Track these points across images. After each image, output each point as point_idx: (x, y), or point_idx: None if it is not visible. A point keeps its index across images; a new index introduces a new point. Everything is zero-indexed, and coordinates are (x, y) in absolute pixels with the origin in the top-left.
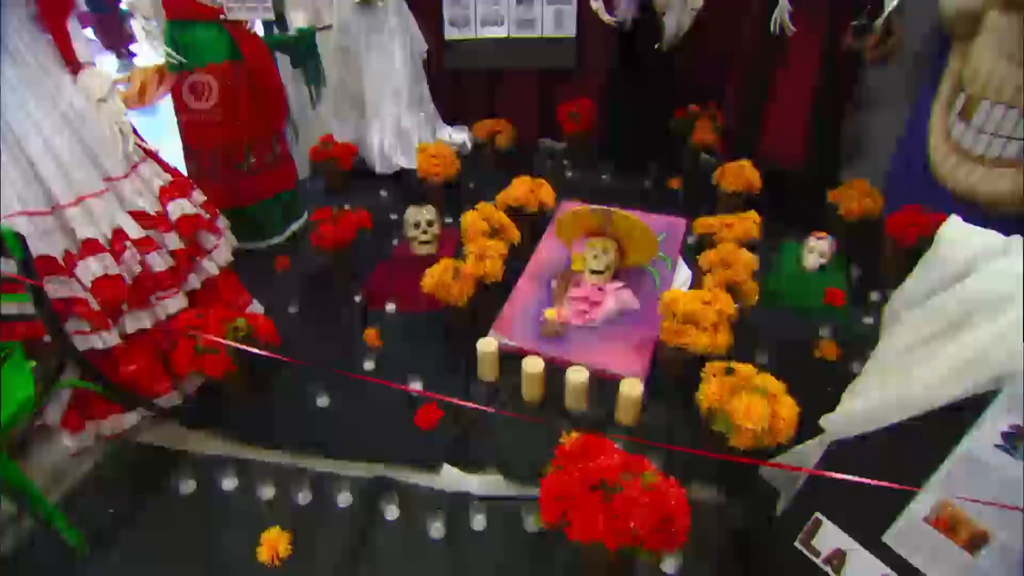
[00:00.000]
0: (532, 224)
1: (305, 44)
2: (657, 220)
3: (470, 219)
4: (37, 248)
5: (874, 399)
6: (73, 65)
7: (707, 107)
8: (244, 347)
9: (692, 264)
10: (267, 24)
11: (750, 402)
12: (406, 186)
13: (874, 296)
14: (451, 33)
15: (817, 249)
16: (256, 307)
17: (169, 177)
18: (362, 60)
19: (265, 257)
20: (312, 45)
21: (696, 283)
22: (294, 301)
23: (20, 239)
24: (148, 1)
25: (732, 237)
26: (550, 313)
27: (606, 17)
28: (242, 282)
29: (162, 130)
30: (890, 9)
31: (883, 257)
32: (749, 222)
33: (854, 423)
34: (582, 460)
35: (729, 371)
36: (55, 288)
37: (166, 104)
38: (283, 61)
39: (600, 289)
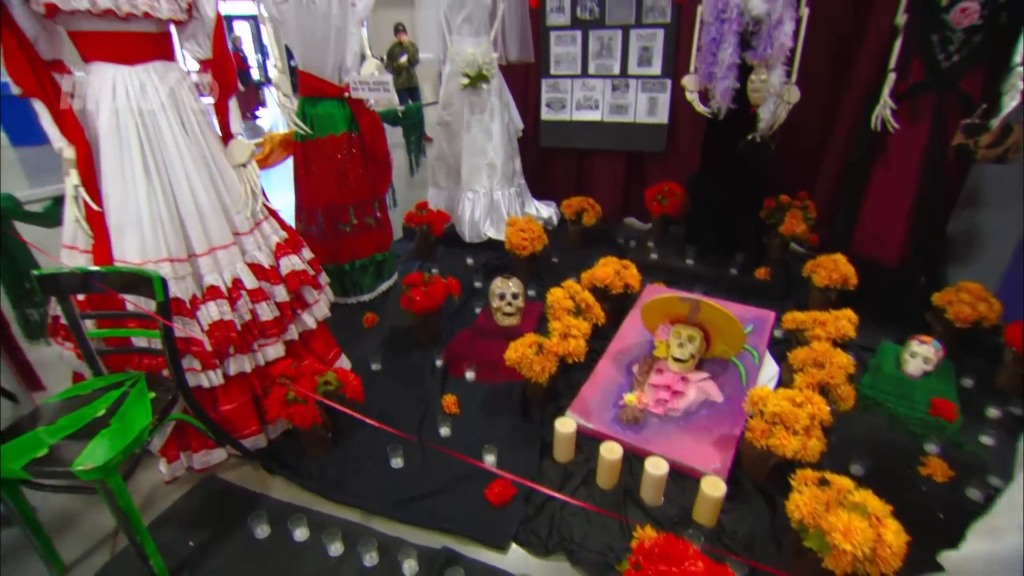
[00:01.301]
0: (616, 305)
1: (412, 118)
2: (744, 311)
3: (556, 296)
4: (172, 291)
5: (1012, 545)
6: (225, 135)
7: (798, 197)
8: (331, 404)
9: (780, 360)
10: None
11: (850, 521)
12: (492, 256)
13: (992, 412)
14: (547, 114)
15: (921, 354)
16: (344, 362)
17: (284, 234)
18: (462, 135)
19: (355, 311)
20: (419, 119)
21: (785, 381)
22: (377, 358)
23: (164, 284)
24: (289, 82)
25: (825, 335)
26: (630, 398)
27: (700, 108)
28: (332, 333)
29: (272, 186)
30: (1009, 110)
31: (1001, 369)
32: (844, 320)
33: (986, 570)
34: (663, 563)
35: (823, 482)
36: (178, 328)
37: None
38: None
39: (683, 378)
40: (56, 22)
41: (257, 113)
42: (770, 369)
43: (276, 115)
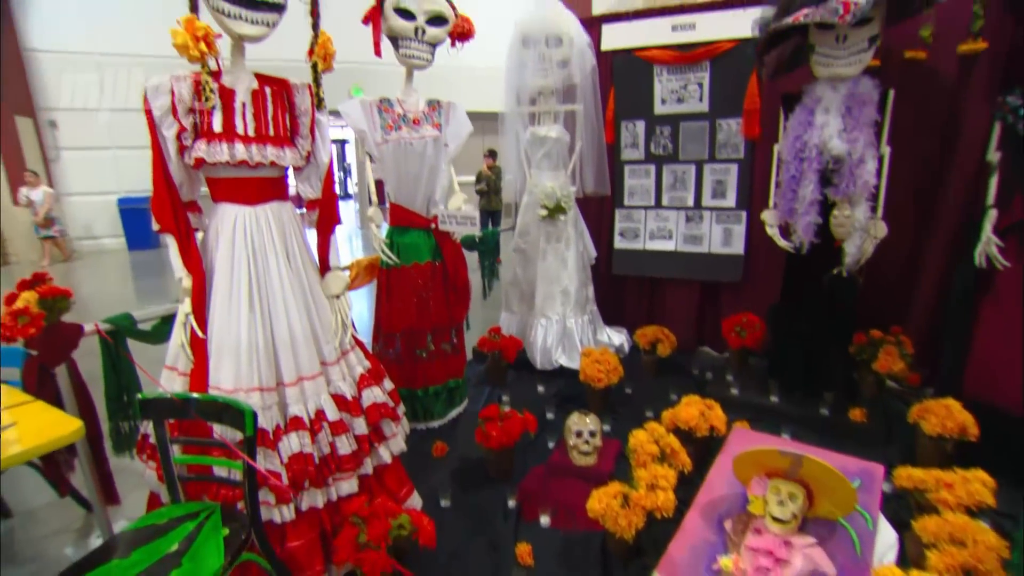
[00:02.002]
0: (701, 448)
1: (489, 243)
2: (846, 461)
3: (639, 440)
4: (258, 422)
5: None
6: (324, 267)
7: (891, 333)
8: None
9: (897, 525)
10: None
11: None
12: (564, 385)
13: None
14: (620, 243)
15: None
16: (415, 500)
17: (368, 364)
18: (538, 262)
19: (425, 438)
20: (495, 245)
21: (912, 556)
22: (448, 494)
23: (255, 417)
24: (383, 215)
25: (954, 500)
26: (726, 563)
27: (782, 243)
28: (402, 461)
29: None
30: None
31: None
32: (978, 483)
33: None
34: None
35: None
36: (259, 459)
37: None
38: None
39: (786, 543)
40: (198, 170)
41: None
42: (887, 536)
43: (350, 227)
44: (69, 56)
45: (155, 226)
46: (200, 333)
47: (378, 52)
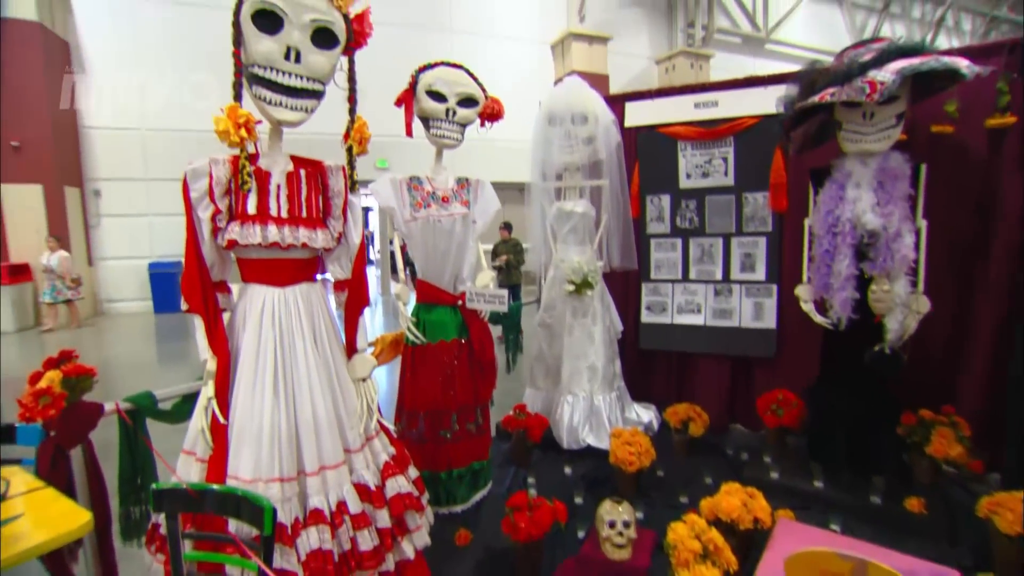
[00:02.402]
0: (744, 541)
1: (513, 317)
2: (916, 567)
3: (680, 535)
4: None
5: None
6: (351, 349)
7: (942, 412)
8: None
9: None
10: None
11: None
12: (593, 466)
13: None
14: (647, 317)
15: None
16: None
17: (393, 451)
18: (564, 338)
19: (447, 524)
20: (518, 318)
21: None
22: None
23: (274, 514)
24: (409, 293)
25: None
26: None
27: (819, 319)
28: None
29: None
30: None
31: None
32: None
33: None
34: None
35: None
36: (276, 557)
37: None
38: None
39: None
40: (230, 251)
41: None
42: None
43: (371, 294)
44: (119, 132)
45: (183, 306)
46: (222, 419)
47: (409, 133)
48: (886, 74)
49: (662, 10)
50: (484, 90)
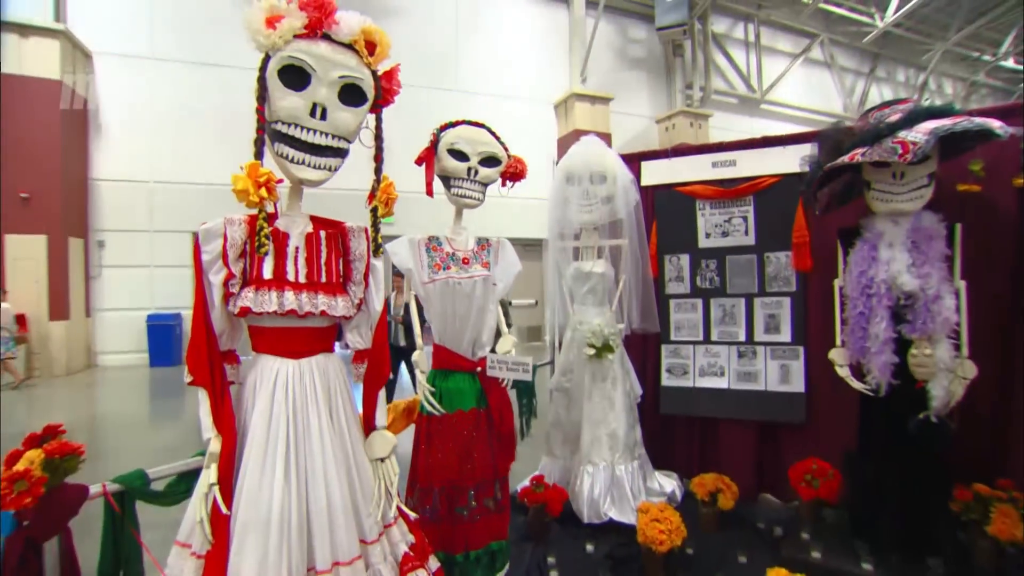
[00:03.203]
0: None
1: (526, 380)
2: None
3: None
4: None
5: None
6: (368, 426)
7: (999, 487)
8: None
9: None
10: None
11: None
12: (616, 543)
13: None
14: (668, 381)
15: None
16: None
17: (412, 539)
18: (583, 403)
19: None
20: (532, 382)
21: None
22: None
23: None
24: (427, 360)
25: None
26: None
27: (856, 384)
28: None
29: None
30: None
31: None
32: None
33: None
34: None
35: None
36: None
37: None
38: None
39: None
40: (242, 319)
41: None
42: None
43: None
44: (127, 184)
45: (187, 378)
46: (224, 509)
47: (430, 192)
48: (918, 135)
49: (661, 72)
50: (507, 149)
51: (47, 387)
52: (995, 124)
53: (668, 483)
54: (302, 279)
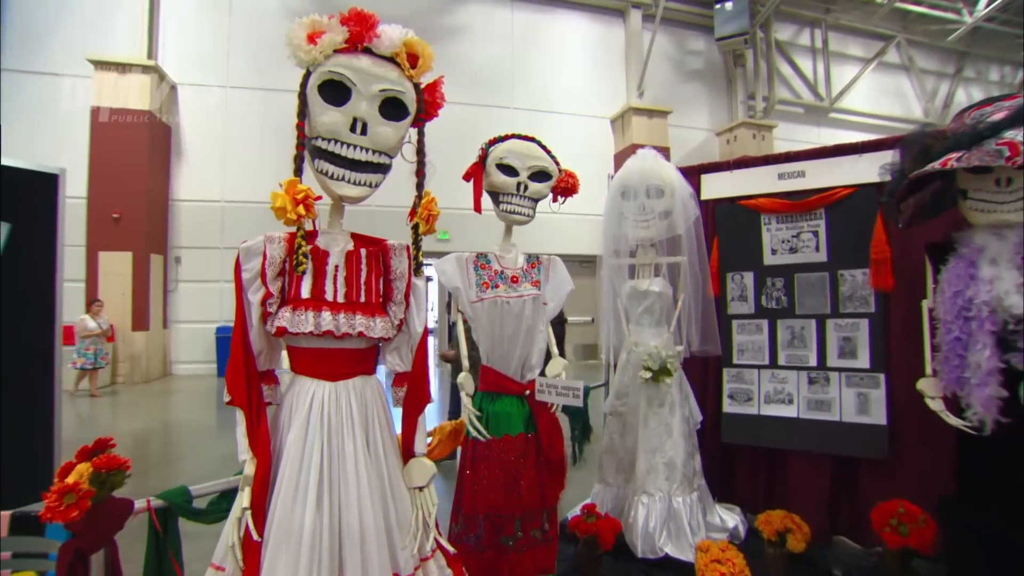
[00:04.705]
0: None
1: (581, 403)
2: None
3: None
4: None
5: None
6: (407, 453)
7: None
8: None
9: None
10: None
11: None
12: None
13: None
14: (730, 407)
15: None
16: None
17: (450, 573)
18: (638, 429)
19: None
20: (586, 405)
21: None
22: None
23: None
24: (473, 383)
25: None
26: None
27: (953, 420)
28: None
29: None
30: None
31: None
32: None
33: None
34: None
35: None
36: None
37: None
38: None
39: None
40: (279, 338)
41: None
42: None
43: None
44: (202, 204)
45: (226, 397)
46: (255, 535)
47: (478, 208)
48: None
49: (721, 83)
50: (558, 163)
51: (129, 393)
52: None
53: (731, 518)
54: (340, 298)
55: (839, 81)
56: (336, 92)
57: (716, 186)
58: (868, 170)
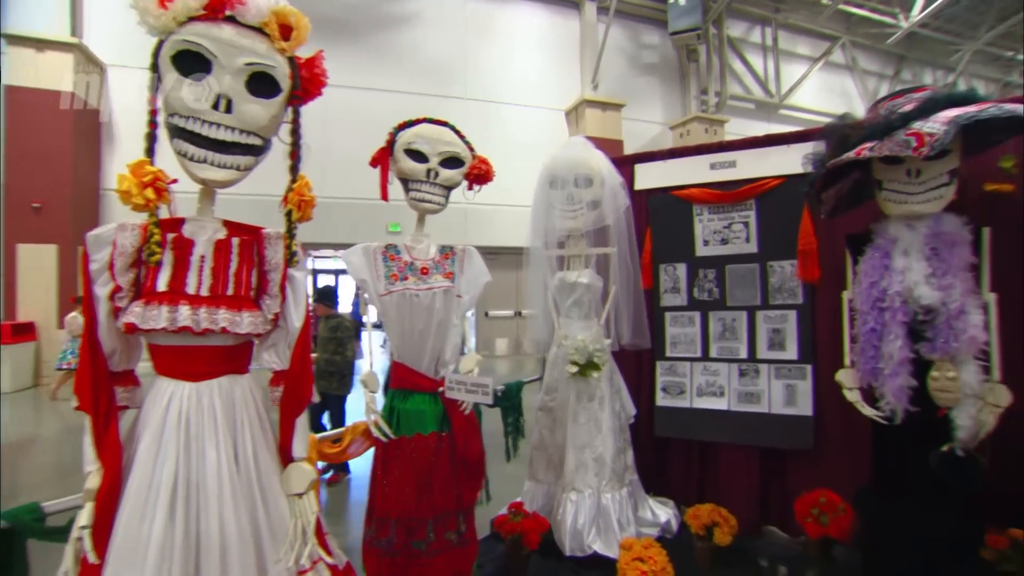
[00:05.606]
0: None
1: (513, 398)
2: None
3: None
4: None
5: None
6: (285, 457)
7: None
8: None
9: None
10: None
11: None
12: None
13: None
14: (663, 400)
15: None
16: None
17: None
18: (567, 424)
19: None
20: (518, 399)
21: None
22: None
23: None
24: (378, 381)
25: None
26: None
27: (868, 411)
28: None
29: None
30: None
31: None
32: None
33: None
34: None
35: None
36: None
37: None
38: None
39: None
40: (133, 336)
41: None
42: None
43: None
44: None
45: (74, 402)
46: (92, 557)
47: (385, 196)
48: (935, 125)
49: (675, 77)
50: (472, 149)
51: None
52: None
53: (663, 512)
54: (205, 291)
55: (788, 79)
56: (194, 64)
57: (650, 176)
58: (796, 161)
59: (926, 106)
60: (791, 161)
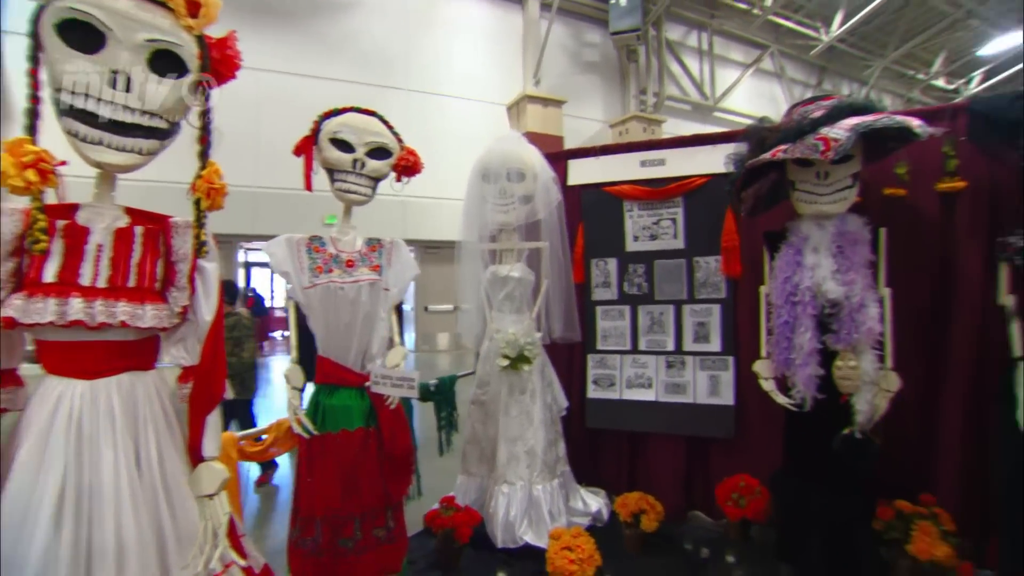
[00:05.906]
0: None
1: (446, 392)
2: None
3: None
4: None
5: None
6: (195, 457)
7: (921, 503)
8: None
9: None
10: None
11: None
12: (532, 569)
13: None
14: (594, 392)
15: None
16: None
17: None
18: (499, 417)
19: None
20: (451, 393)
21: None
22: None
23: None
24: (301, 375)
25: None
26: None
27: (781, 399)
28: None
29: None
30: None
31: None
32: None
33: None
34: None
35: None
36: None
37: None
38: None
39: None
40: (14, 331)
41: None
42: None
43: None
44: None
45: None
46: None
47: (309, 186)
48: (839, 131)
49: (616, 77)
50: (400, 140)
51: None
52: (915, 123)
53: (594, 502)
54: (102, 283)
55: (722, 82)
56: (85, 36)
57: (583, 172)
58: (721, 160)
59: (832, 113)
60: (717, 161)
